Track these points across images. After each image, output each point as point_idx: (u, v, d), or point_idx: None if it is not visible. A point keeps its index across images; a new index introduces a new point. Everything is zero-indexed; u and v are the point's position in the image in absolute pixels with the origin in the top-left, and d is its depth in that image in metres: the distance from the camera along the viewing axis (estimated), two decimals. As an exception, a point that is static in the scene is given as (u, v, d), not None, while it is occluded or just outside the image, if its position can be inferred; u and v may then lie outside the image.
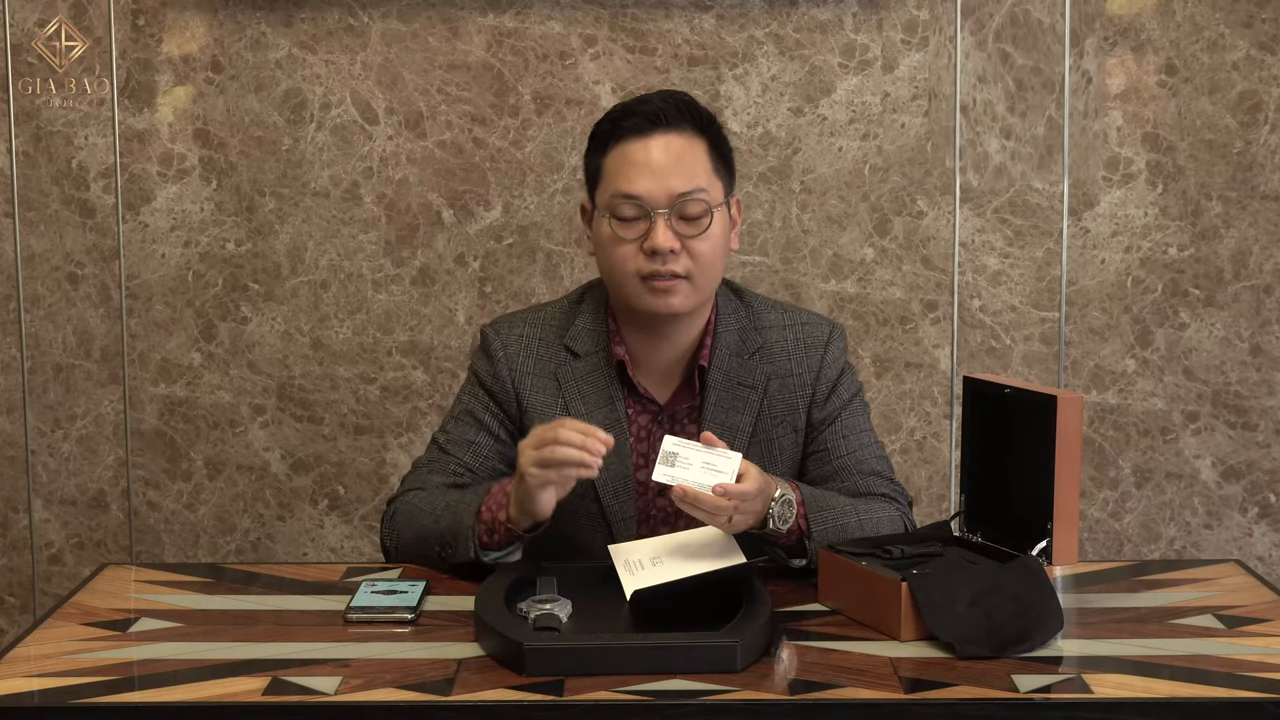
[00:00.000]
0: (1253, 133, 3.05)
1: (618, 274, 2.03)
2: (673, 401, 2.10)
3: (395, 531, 2.07)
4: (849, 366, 2.16)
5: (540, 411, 2.09)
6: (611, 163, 2.02)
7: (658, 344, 2.09)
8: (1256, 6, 3.02)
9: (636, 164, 2.00)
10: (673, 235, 1.98)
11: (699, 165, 2.01)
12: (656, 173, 1.99)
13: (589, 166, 2.08)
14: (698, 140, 2.02)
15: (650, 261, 1.99)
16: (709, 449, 1.84)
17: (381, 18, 3.02)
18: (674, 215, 1.99)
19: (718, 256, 2.03)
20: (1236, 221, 3.08)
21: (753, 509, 1.86)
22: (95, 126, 3.05)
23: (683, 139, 2.01)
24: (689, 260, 2.00)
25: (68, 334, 3.10)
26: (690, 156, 2.01)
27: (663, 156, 1.99)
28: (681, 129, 2.02)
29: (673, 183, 1.99)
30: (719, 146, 2.06)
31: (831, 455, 2.09)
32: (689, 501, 1.82)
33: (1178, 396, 3.12)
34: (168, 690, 1.59)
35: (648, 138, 2.00)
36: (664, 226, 1.98)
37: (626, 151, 2.01)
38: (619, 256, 2.01)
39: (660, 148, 2.00)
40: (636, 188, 1.99)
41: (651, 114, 2.01)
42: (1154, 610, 1.84)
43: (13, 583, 3.18)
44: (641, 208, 1.99)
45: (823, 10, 3.02)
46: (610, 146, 2.03)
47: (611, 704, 1.54)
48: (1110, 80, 3.05)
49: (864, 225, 3.07)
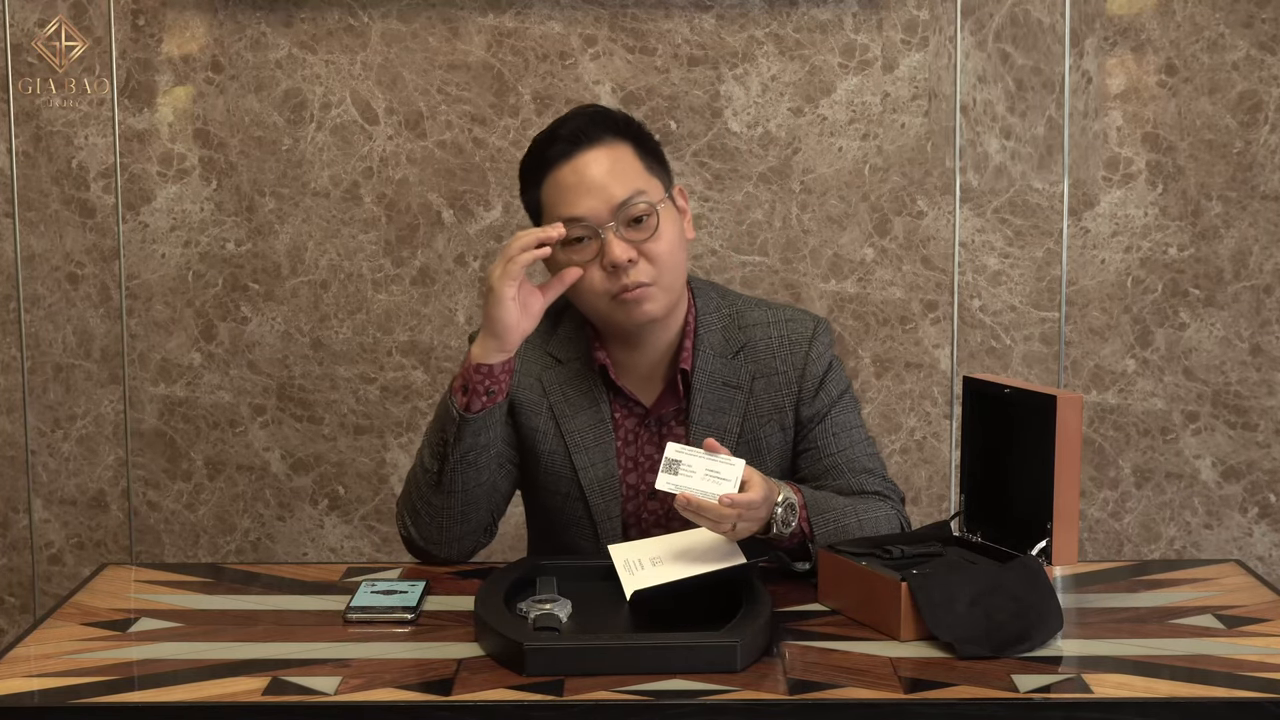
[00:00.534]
0: (1253, 133, 3.05)
1: (586, 298, 2.04)
2: (658, 404, 2.10)
3: (407, 508, 2.06)
4: (837, 361, 2.14)
5: (527, 409, 2.10)
6: (548, 193, 2.03)
7: (638, 349, 2.09)
8: (1256, 6, 3.02)
9: (571, 186, 2.00)
10: (626, 245, 1.98)
11: (630, 170, 2.02)
12: (593, 189, 1.99)
13: (528, 206, 2.10)
14: (623, 145, 2.03)
15: (613, 278, 1.99)
16: (711, 456, 1.84)
17: (381, 18, 3.02)
18: (621, 226, 1.99)
19: (676, 252, 2.04)
20: (1236, 221, 3.08)
21: (756, 516, 1.86)
22: (95, 126, 3.05)
23: (607, 150, 2.02)
24: (648, 266, 2.00)
25: (68, 334, 3.10)
26: (621, 164, 2.01)
27: (594, 171, 2.00)
28: (604, 140, 2.02)
29: (611, 194, 1.99)
30: (645, 145, 2.06)
31: (822, 453, 2.09)
32: (692, 510, 1.82)
33: (1178, 396, 3.12)
34: (168, 690, 1.59)
35: (574, 159, 2.01)
36: (615, 239, 1.98)
37: (559, 178, 2.02)
38: (586, 285, 2.02)
39: (587, 165, 2.00)
40: (579, 209, 1.99)
41: (571, 135, 2.02)
42: (1154, 610, 1.84)
43: (13, 583, 3.18)
44: (589, 227, 1.99)
45: (823, 10, 3.02)
46: (542, 178, 2.04)
47: (611, 704, 1.54)
48: (1110, 80, 3.05)
49: (864, 225, 3.07)
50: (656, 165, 2.07)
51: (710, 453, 1.84)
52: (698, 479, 1.82)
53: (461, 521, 2.02)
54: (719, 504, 1.81)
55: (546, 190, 2.03)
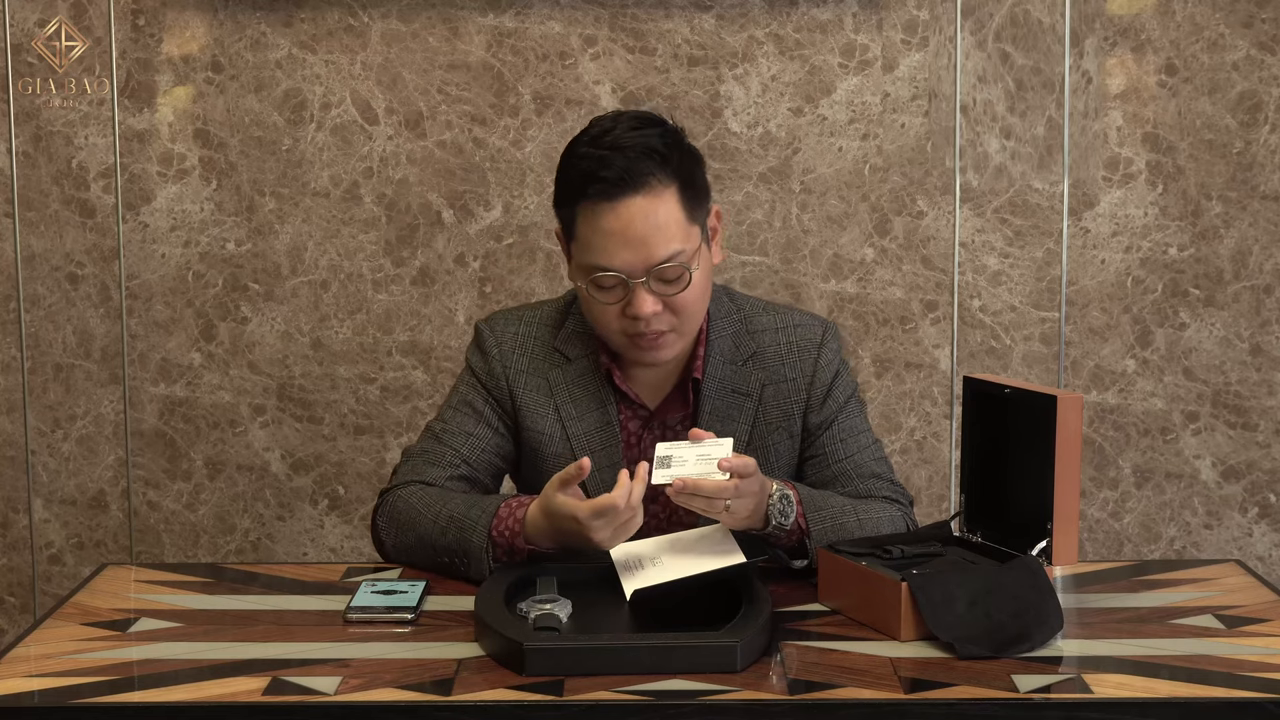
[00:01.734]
0: (1253, 133, 3.05)
1: (602, 329, 2.03)
2: (664, 408, 2.09)
3: (394, 529, 2.04)
4: (845, 365, 2.14)
5: (533, 410, 2.09)
6: (584, 227, 1.97)
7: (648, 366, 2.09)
8: (1256, 6, 3.02)
9: (611, 234, 1.94)
10: (654, 299, 1.96)
11: (672, 223, 1.95)
12: (632, 243, 1.93)
13: (559, 212, 2.03)
14: (668, 190, 1.95)
15: (634, 324, 1.98)
16: (697, 444, 1.85)
17: (381, 18, 3.02)
18: (652, 280, 1.95)
19: (701, 298, 2.02)
20: (1236, 221, 3.08)
21: (750, 490, 1.85)
22: (95, 126, 3.05)
23: (651, 199, 1.94)
24: (672, 315, 1.98)
25: (68, 334, 3.10)
26: (663, 216, 1.95)
27: (635, 224, 1.93)
28: (649, 186, 1.94)
29: (649, 253, 1.94)
30: (690, 182, 1.99)
31: (830, 459, 2.08)
32: (688, 492, 1.82)
33: (1178, 396, 3.12)
34: (168, 690, 1.59)
35: (617, 203, 1.93)
36: (644, 293, 1.95)
37: (598, 218, 1.95)
38: (602, 318, 2.00)
39: (631, 214, 1.93)
40: (615, 261, 1.94)
41: (617, 178, 1.93)
42: (1154, 610, 1.84)
43: (13, 583, 3.18)
44: (619, 278, 1.96)
45: (823, 10, 3.02)
46: (579, 204, 1.97)
47: (611, 704, 1.53)
48: (1110, 80, 3.05)
49: (864, 225, 3.07)
50: (697, 204, 2.00)
51: (695, 441, 1.85)
52: (690, 466, 1.83)
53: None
54: (718, 475, 1.81)
55: (583, 223, 1.97)
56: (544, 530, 1.91)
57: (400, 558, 2.04)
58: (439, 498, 2.02)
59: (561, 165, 2.02)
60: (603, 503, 1.83)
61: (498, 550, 1.93)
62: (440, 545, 1.97)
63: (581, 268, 1.99)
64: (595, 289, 1.98)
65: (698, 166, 2.02)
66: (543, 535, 1.91)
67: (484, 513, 1.95)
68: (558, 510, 1.86)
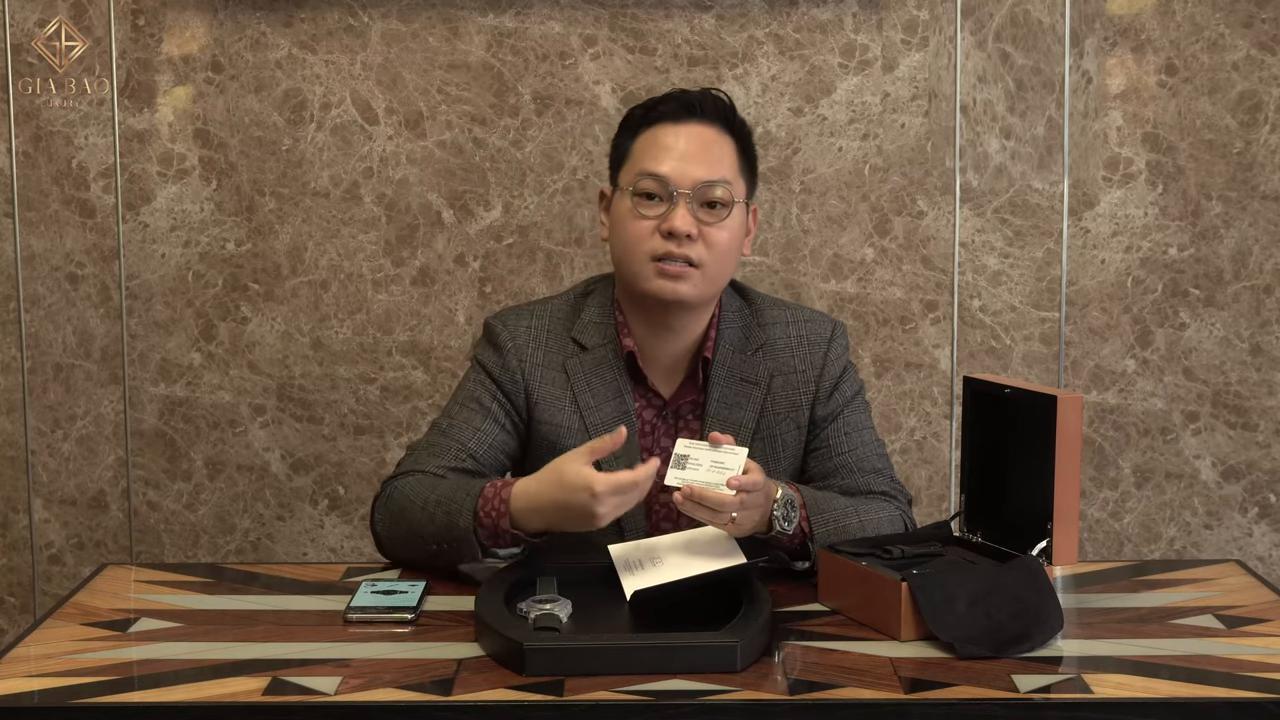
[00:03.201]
0: (1253, 133, 3.05)
1: (631, 253, 2.03)
2: (677, 396, 2.10)
3: (387, 519, 2.03)
4: (851, 364, 2.16)
5: (550, 403, 2.08)
6: (641, 145, 2.05)
7: (664, 336, 2.08)
8: (1256, 6, 3.02)
9: (666, 147, 2.02)
10: (692, 220, 2.00)
11: (726, 159, 2.04)
12: (684, 157, 2.01)
13: (616, 149, 2.10)
14: (727, 138, 2.06)
15: (665, 243, 2.00)
16: (716, 448, 1.85)
17: (381, 18, 3.02)
18: (695, 200, 2.00)
19: (731, 251, 2.04)
20: (1236, 221, 3.08)
21: (756, 503, 1.86)
22: (95, 126, 3.05)
23: (714, 132, 2.05)
24: (703, 248, 2.01)
25: (68, 334, 3.10)
26: (719, 149, 2.04)
27: (692, 144, 2.02)
28: (714, 123, 2.05)
29: (699, 170, 2.01)
30: (747, 150, 2.09)
31: (833, 452, 2.10)
32: (695, 500, 1.82)
33: (1178, 396, 3.12)
34: (168, 690, 1.59)
35: (680, 124, 2.04)
36: (684, 209, 2.00)
37: (657, 134, 2.04)
38: (635, 235, 2.02)
39: (690, 135, 2.03)
40: (663, 168, 2.01)
41: (688, 103, 2.04)
42: (1154, 610, 1.84)
43: (13, 583, 3.18)
44: (665, 188, 2.00)
45: (823, 10, 3.02)
46: (641, 130, 2.06)
47: (611, 704, 1.54)
48: (1110, 80, 3.05)
49: (864, 225, 3.07)
50: (748, 172, 2.09)
51: (714, 445, 1.85)
52: (703, 471, 1.84)
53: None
54: (724, 491, 1.81)
55: (641, 141, 2.05)
56: (538, 505, 1.88)
57: (396, 552, 2.03)
58: (430, 484, 2.01)
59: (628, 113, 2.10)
60: (625, 479, 1.81)
61: (483, 533, 1.92)
62: (428, 532, 1.95)
63: (628, 182, 2.04)
64: (638, 199, 2.02)
65: (754, 150, 2.12)
66: (533, 512, 1.88)
67: (469, 495, 1.93)
68: (573, 480, 1.83)
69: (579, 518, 1.85)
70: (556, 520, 1.88)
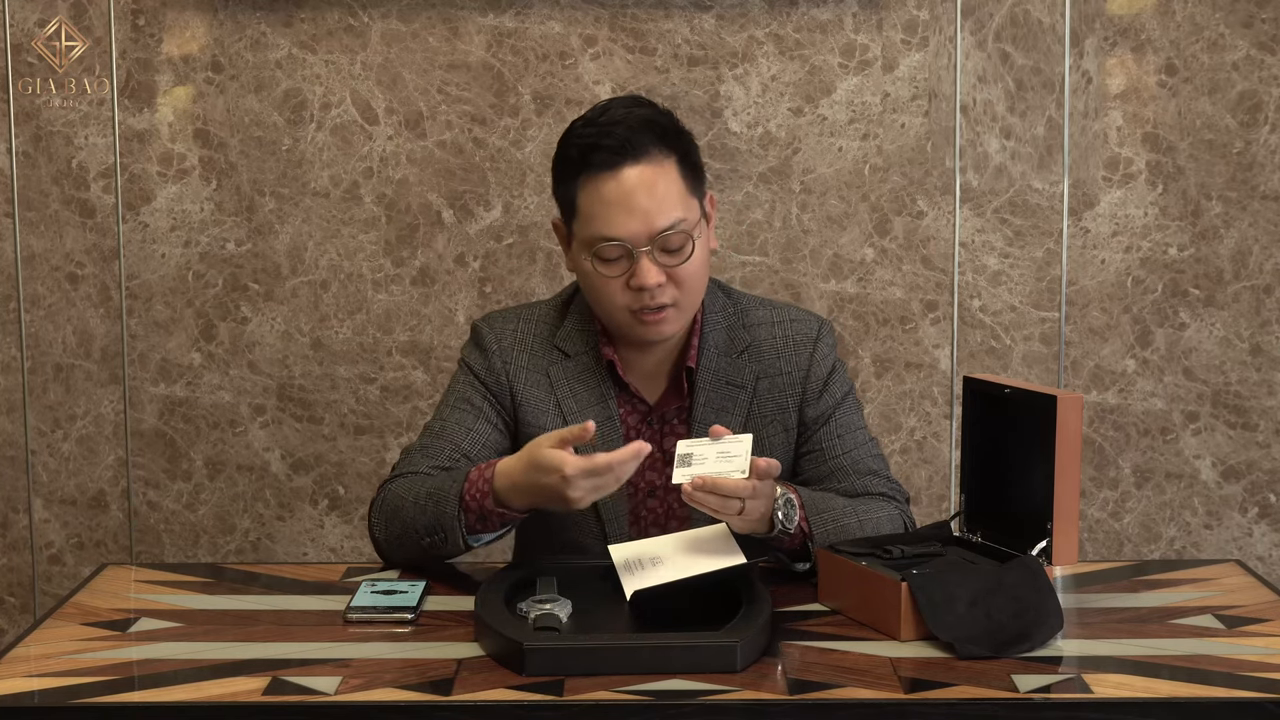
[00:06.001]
0: (1253, 133, 3.05)
1: (605, 308, 2.03)
2: (662, 402, 2.10)
3: (383, 520, 2.04)
4: (840, 363, 2.14)
5: (534, 407, 2.09)
6: (586, 200, 1.99)
7: (644, 350, 2.09)
8: (1256, 6, 3.02)
9: (612, 204, 1.96)
10: (657, 269, 1.97)
11: (673, 193, 1.98)
12: (635, 211, 1.95)
13: (559, 193, 2.05)
14: (668, 161, 1.99)
15: (639, 296, 1.98)
16: (717, 440, 1.85)
17: (381, 18, 3.02)
18: (655, 250, 1.97)
19: (702, 274, 2.03)
20: (1236, 221, 3.08)
21: (765, 492, 1.85)
22: (95, 126, 3.05)
23: (653, 168, 1.97)
24: (674, 289, 1.99)
25: (68, 334, 3.10)
26: (664, 186, 1.97)
27: (637, 193, 1.96)
28: (650, 155, 1.97)
29: (652, 220, 1.96)
30: (688, 158, 2.02)
31: (827, 455, 2.09)
32: (707, 489, 1.80)
33: (1178, 396, 3.12)
34: (168, 690, 1.59)
35: (618, 171, 1.96)
36: (648, 263, 1.96)
37: (600, 189, 1.97)
38: (606, 293, 2.00)
39: (633, 182, 1.96)
40: (618, 230, 1.96)
41: (618, 146, 1.96)
42: (1154, 610, 1.84)
43: (13, 583, 3.18)
44: (623, 248, 1.97)
45: (823, 10, 3.02)
46: (580, 178, 1.99)
47: (611, 704, 1.54)
48: (1110, 80, 3.05)
49: (864, 225, 3.07)
50: (695, 180, 2.03)
51: (715, 438, 1.84)
52: (710, 464, 1.82)
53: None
54: (742, 480, 1.80)
55: (585, 196, 1.98)
56: (517, 485, 1.88)
57: (393, 553, 2.04)
58: (421, 481, 2.01)
59: (560, 146, 2.04)
60: (600, 461, 1.81)
61: (469, 517, 1.92)
62: (421, 525, 1.96)
63: (584, 242, 2.00)
64: (599, 262, 1.98)
65: (693, 146, 2.05)
66: (514, 491, 1.89)
67: (456, 481, 1.94)
68: (544, 462, 1.83)
69: (553, 499, 1.85)
70: (535, 500, 1.89)
